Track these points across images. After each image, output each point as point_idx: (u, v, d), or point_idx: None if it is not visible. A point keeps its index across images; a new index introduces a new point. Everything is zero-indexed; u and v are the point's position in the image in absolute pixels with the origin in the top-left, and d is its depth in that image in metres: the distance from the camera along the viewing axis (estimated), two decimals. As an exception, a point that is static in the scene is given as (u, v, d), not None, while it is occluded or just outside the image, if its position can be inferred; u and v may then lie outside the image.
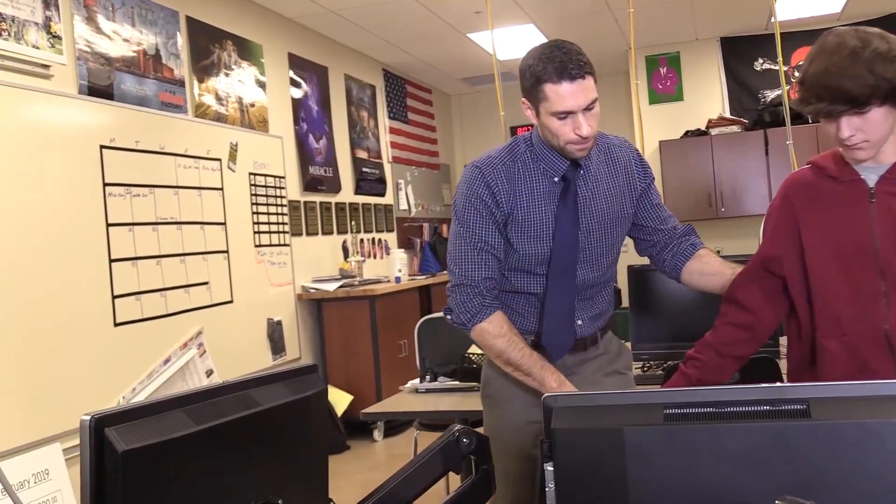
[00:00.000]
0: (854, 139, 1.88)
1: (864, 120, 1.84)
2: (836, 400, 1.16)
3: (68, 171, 4.12)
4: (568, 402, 1.27)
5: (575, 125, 2.20)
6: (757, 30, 8.25)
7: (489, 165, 2.38)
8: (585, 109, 2.19)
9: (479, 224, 2.35)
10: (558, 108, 2.18)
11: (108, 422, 1.13)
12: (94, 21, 4.43)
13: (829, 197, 2.00)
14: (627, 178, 2.44)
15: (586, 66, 2.18)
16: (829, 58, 1.84)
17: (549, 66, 2.16)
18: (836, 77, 1.82)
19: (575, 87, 2.16)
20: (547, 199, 2.36)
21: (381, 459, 5.97)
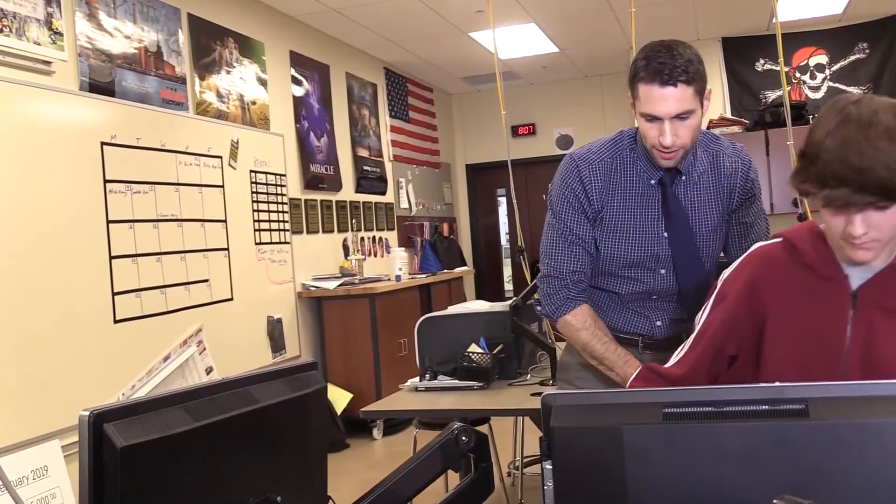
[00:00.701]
0: (865, 237, 1.53)
1: (883, 216, 1.50)
2: (835, 400, 1.16)
3: (69, 167, 4.12)
4: (567, 400, 1.27)
5: (660, 131, 2.15)
6: (758, 30, 8.25)
7: (585, 160, 2.36)
8: (677, 119, 2.13)
9: (570, 216, 2.34)
10: (646, 109, 2.15)
11: (106, 417, 1.13)
12: (95, 18, 4.43)
13: (804, 290, 1.68)
14: (729, 188, 2.36)
15: (685, 75, 2.09)
16: (859, 132, 1.46)
17: (649, 64, 2.12)
18: (869, 157, 1.44)
19: (666, 93, 2.10)
20: (641, 202, 2.33)
21: (380, 458, 5.97)
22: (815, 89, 8.29)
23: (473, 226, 10.38)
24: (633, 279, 2.38)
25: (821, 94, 8.27)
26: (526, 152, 9.70)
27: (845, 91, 8.18)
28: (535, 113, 9.81)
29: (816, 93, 8.29)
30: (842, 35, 8.15)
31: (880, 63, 8.06)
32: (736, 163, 2.38)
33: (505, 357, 3.81)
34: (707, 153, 2.36)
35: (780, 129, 7.62)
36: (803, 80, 8.32)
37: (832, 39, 8.17)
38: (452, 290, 8.31)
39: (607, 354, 2.29)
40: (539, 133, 9.79)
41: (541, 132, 9.79)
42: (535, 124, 9.81)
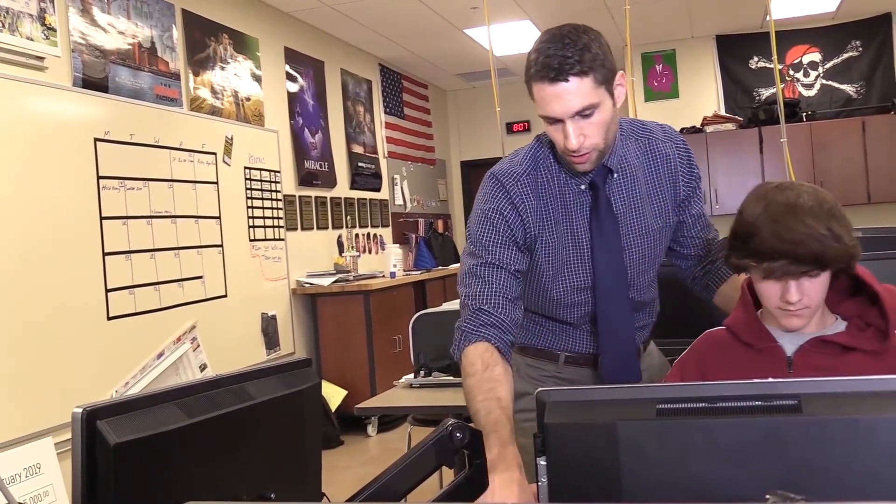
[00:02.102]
0: (800, 304, 1.69)
1: (813, 284, 1.68)
2: (828, 396, 1.16)
3: (62, 163, 4.10)
4: (561, 396, 1.27)
5: (564, 133, 1.84)
6: (752, 28, 8.26)
7: (511, 175, 2.00)
8: (579, 117, 1.82)
9: (496, 245, 1.96)
10: (543, 111, 1.85)
11: (100, 414, 1.13)
12: (88, 13, 4.42)
13: (746, 365, 1.80)
14: (671, 177, 2.07)
15: (579, 65, 1.77)
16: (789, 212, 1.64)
17: (539, 58, 1.81)
18: (800, 233, 1.62)
19: (557, 91, 1.79)
20: (579, 214, 2.00)
21: (374, 454, 5.97)
22: (809, 87, 8.31)
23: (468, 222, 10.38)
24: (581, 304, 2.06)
25: (814, 92, 8.29)
26: (520, 149, 9.67)
27: (839, 88, 8.21)
28: (529, 110, 9.77)
29: (810, 90, 8.31)
30: (835, 33, 8.17)
31: (873, 61, 8.09)
32: (669, 146, 2.09)
33: (499, 354, 3.80)
34: (638, 143, 2.05)
35: (774, 127, 7.65)
36: (797, 78, 8.33)
37: (825, 37, 8.19)
38: (447, 287, 8.31)
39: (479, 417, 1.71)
40: (534, 130, 9.78)
41: (536, 129, 9.79)
42: (529, 121, 9.82)
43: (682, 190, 2.10)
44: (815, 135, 7.91)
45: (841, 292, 1.82)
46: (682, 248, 2.20)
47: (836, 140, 7.88)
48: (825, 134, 7.91)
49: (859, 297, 1.80)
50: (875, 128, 7.83)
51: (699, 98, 8.58)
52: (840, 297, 1.82)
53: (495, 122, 5.96)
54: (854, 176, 7.80)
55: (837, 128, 7.94)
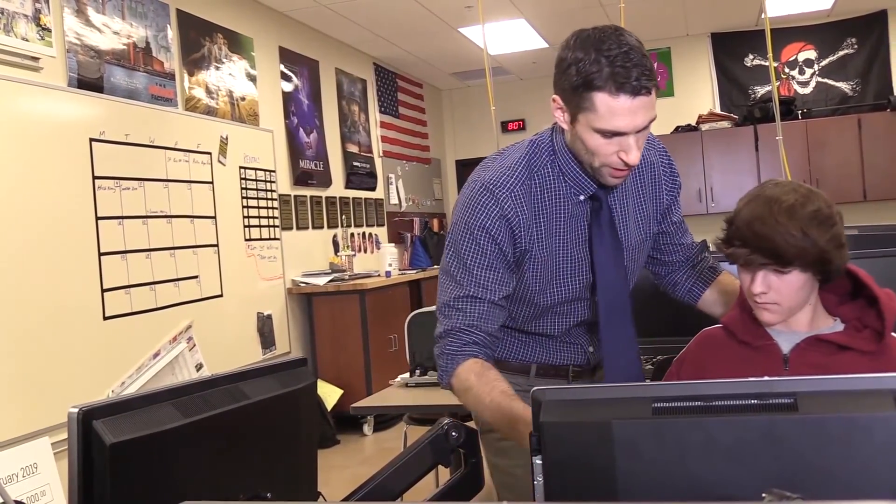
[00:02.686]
0: (765, 297, 1.75)
1: (780, 280, 1.72)
2: (824, 394, 1.16)
3: (57, 164, 4.10)
4: (556, 395, 1.27)
5: (622, 147, 1.74)
6: (747, 26, 8.27)
7: (504, 186, 1.85)
8: (641, 131, 1.75)
9: (482, 269, 1.85)
10: (608, 125, 1.71)
11: (95, 414, 1.13)
12: (83, 13, 4.41)
13: (743, 362, 1.84)
14: (654, 186, 2.02)
15: (653, 77, 1.71)
16: (766, 206, 1.71)
17: (608, 68, 1.67)
18: (769, 228, 1.68)
19: (636, 104, 1.69)
20: (570, 225, 1.90)
21: (370, 453, 5.97)
22: (804, 84, 8.32)
23: (463, 221, 10.38)
24: (566, 314, 2.00)
25: (809, 90, 8.30)
26: (516, 148, 9.68)
27: (834, 86, 8.22)
28: (524, 108, 9.80)
29: (805, 88, 8.32)
30: (830, 30, 8.18)
31: (868, 58, 8.10)
32: (654, 154, 2.04)
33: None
34: None
35: (770, 124, 7.65)
36: (792, 76, 8.35)
37: (821, 35, 8.21)
38: (443, 286, 8.31)
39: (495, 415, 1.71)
40: (529, 128, 9.78)
41: (530, 128, 9.78)
42: (524, 120, 9.81)
43: (664, 198, 2.07)
44: (811, 133, 7.93)
45: (841, 295, 1.85)
46: (663, 256, 2.17)
47: (832, 138, 7.89)
48: (821, 132, 7.92)
49: (859, 301, 1.83)
50: (871, 125, 7.84)
51: (694, 96, 8.59)
52: (840, 299, 1.85)
53: (490, 120, 5.96)
54: (850, 174, 7.82)
55: (833, 125, 7.95)
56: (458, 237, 1.88)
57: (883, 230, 4.93)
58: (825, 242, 1.69)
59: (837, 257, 1.72)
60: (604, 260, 1.92)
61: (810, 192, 1.73)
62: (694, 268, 2.18)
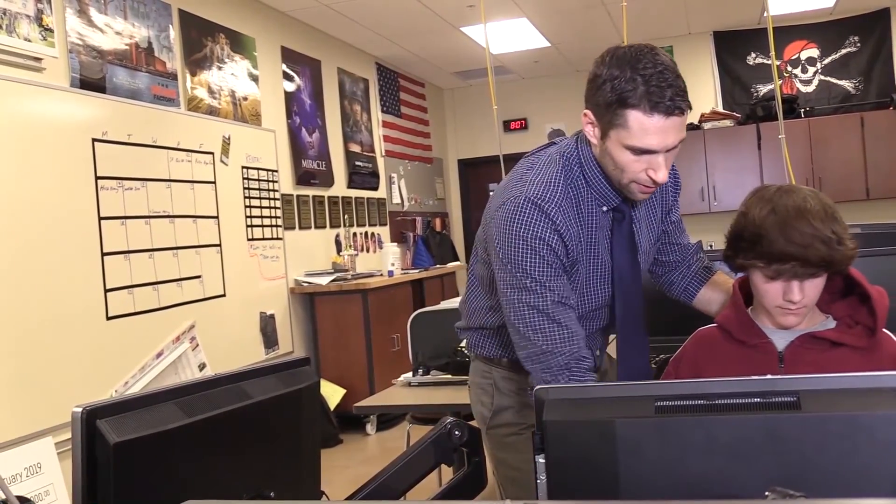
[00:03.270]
0: (800, 303, 1.76)
1: (813, 284, 1.75)
2: (827, 392, 1.16)
3: (60, 164, 4.10)
4: (560, 394, 1.28)
5: (651, 166, 1.78)
6: (750, 24, 8.26)
7: (553, 202, 1.87)
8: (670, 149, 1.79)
9: (553, 279, 1.87)
10: (638, 143, 1.75)
11: (99, 413, 1.13)
12: (85, 14, 4.41)
13: (739, 361, 1.85)
14: (661, 190, 2.05)
15: (686, 97, 1.74)
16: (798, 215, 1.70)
17: (643, 87, 1.71)
18: (810, 238, 1.68)
19: (668, 124, 1.73)
20: (599, 235, 1.96)
21: (373, 453, 5.97)
22: (807, 83, 8.31)
23: (466, 221, 10.38)
24: (590, 319, 2.04)
25: (812, 88, 8.29)
26: (518, 147, 9.65)
27: (837, 84, 8.22)
28: (526, 107, 9.80)
29: (808, 86, 8.31)
30: (833, 28, 8.17)
31: (871, 56, 8.09)
32: None
33: (498, 352, 3.81)
34: None
35: (772, 123, 7.65)
36: (795, 74, 8.34)
37: (823, 33, 8.20)
38: (445, 285, 8.31)
39: None
40: (531, 128, 9.78)
41: (533, 127, 9.79)
42: (526, 119, 9.81)
43: (669, 200, 2.13)
44: (814, 131, 7.92)
45: (833, 292, 1.87)
46: (662, 255, 2.21)
47: (835, 136, 7.88)
48: (823, 130, 7.91)
49: (851, 298, 1.85)
50: (873, 123, 7.83)
51: (696, 94, 8.56)
52: (832, 296, 1.87)
53: (492, 120, 5.96)
54: (852, 172, 7.81)
55: (836, 124, 7.94)
56: (517, 254, 1.87)
57: (885, 228, 4.92)
58: (850, 240, 1.73)
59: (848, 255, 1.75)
60: (623, 267, 1.97)
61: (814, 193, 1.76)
62: (689, 267, 2.21)
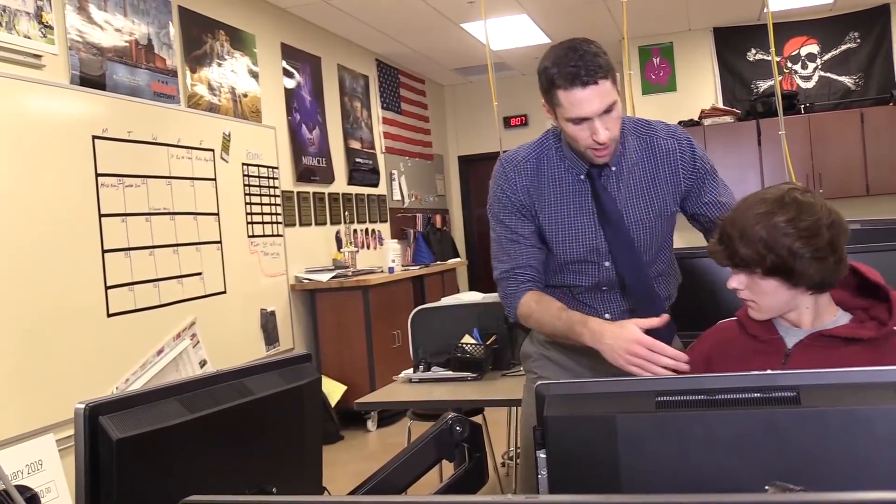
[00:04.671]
0: (741, 294, 1.85)
1: (751, 280, 1.81)
2: (826, 387, 1.17)
3: (60, 161, 4.10)
4: (560, 390, 1.28)
5: (592, 130, 2.12)
6: (750, 20, 8.25)
7: (512, 161, 2.39)
8: (605, 114, 2.10)
9: (508, 217, 2.35)
10: (573, 114, 2.11)
11: (102, 410, 1.13)
12: (85, 11, 4.41)
13: (749, 354, 1.90)
14: (671, 170, 2.30)
15: (601, 70, 2.06)
16: (745, 209, 1.80)
17: (560, 69, 2.08)
18: (736, 230, 1.79)
19: (588, 93, 2.07)
20: (574, 198, 2.31)
21: (374, 449, 5.98)
22: (807, 79, 8.31)
23: (466, 217, 10.38)
24: (581, 273, 2.35)
25: (812, 84, 8.29)
26: (518, 143, 9.67)
27: (837, 80, 8.22)
28: (527, 104, 9.80)
29: (808, 82, 8.31)
30: (833, 24, 8.16)
31: (871, 52, 8.08)
32: (671, 142, 2.32)
33: (498, 348, 3.82)
34: (640, 139, 2.32)
35: (772, 119, 7.64)
36: (795, 70, 8.33)
37: (823, 29, 8.19)
38: (445, 282, 8.31)
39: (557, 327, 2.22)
40: (531, 124, 9.78)
41: (533, 123, 9.78)
42: (527, 115, 9.81)
43: (682, 182, 2.32)
44: (814, 127, 7.91)
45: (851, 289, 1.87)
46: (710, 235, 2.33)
47: (835, 132, 7.88)
48: (824, 126, 7.91)
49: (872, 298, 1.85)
50: (874, 119, 7.83)
51: (697, 91, 8.57)
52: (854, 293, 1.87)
53: (493, 116, 5.96)
54: (853, 168, 7.80)
55: (836, 120, 7.93)
56: (491, 203, 2.41)
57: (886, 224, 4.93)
58: (787, 252, 1.72)
59: (808, 269, 1.73)
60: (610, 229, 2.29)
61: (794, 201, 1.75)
62: None
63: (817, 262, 1.72)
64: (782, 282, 1.77)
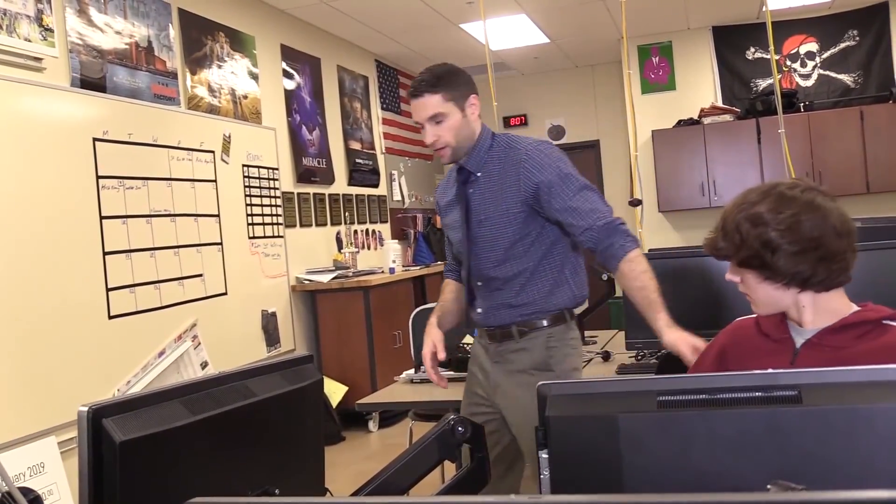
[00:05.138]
0: (740, 288, 1.86)
1: (740, 274, 1.83)
2: (827, 386, 1.17)
3: (61, 164, 4.11)
4: (562, 390, 1.28)
5: (424, 134, 2.60)
6: (748, 18, 8.26)
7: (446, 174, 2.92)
8: (434, 122, 2.57)
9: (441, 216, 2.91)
10: (413, 119, 2.63)
11: (105, 412, 1.13)
12: (85, 13, 4.42)
13: (761, 353, 1.91)
14: (516, 179, 2.59)
15: (430, 87, 2.54)
16: (731, 202, 1.82)
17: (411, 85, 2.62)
18: (721, 220, 1.82)
19: (415, 103, 2.58)
20: (456, 199, 2.74)
21: (376, 450, 5.98)
22: (806, 77, 8.31)
23: (466, 217, 10.37)
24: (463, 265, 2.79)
25: (811, 82, 8.29)
26: (518, 143, 9.69)
27: (836, 78, 8.21)
28: (526, 104, 9.80)
29: (807, 80, 8.31)
30: (832, 23, 8.16)
31: (870, 50, 8.08)
32: (522, 154, 2.59)
33: (499, 348, 3.81)
34: (502, 153, 2.65)
35: (772, 117, 7.64)
36: (794, 68, 8.33)
37: (822, 27, 8.19)
38: (446, 282, 8.30)
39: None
40: (531, 124, 9.79)
41: (532, 123, 9.79)
42: (526, 115, 9.81)
43: (524, 186, 2.56)
44: (814, 125, 7.91)
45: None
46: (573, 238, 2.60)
47: (835, 130, 7.87)
48: (823, 124, 7.91)
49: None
50: (873, 117, 7.82)
51: (696, 89, 8.57)
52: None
53: (492, 116, 5.96)
54: (853, 166, 7.80)
55: (835, 118, 7.93)
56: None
57: (886, 222, 4.93)
58: (761, 245, 1.73)
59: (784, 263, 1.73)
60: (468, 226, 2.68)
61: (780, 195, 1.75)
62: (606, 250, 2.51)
63: (793, 256, 1.71)
64: (757, 275, 1.78)
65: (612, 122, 9.48)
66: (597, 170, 9.68)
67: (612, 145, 9.57)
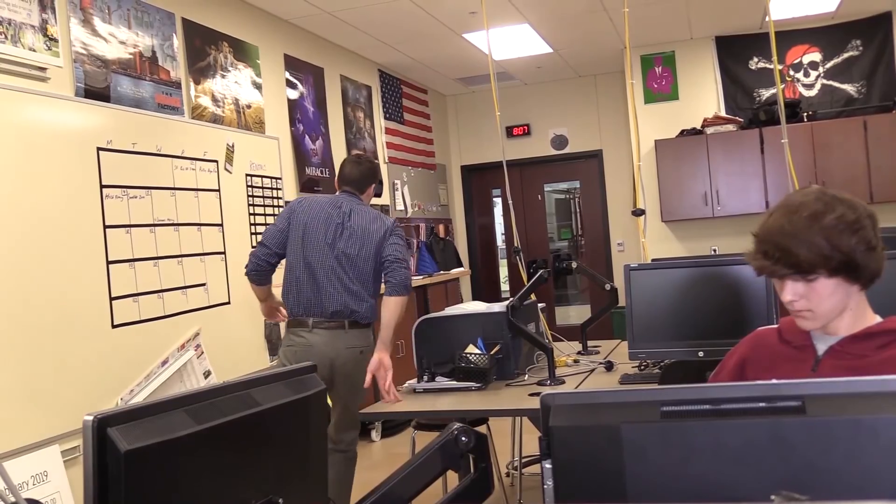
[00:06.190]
0: (797, 305, 1.80)
1: (808, 288, 1.77)
2: (831, 397, 1.17)
3: (65, 173, 4.12)
4: (565, 399, 1.28)
5: None
6: (752, 29, 8.27)
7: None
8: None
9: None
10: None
11: (110, 422, 1.14)
12: (90, 23, 4.44)
13: (781, 360, 1.92)
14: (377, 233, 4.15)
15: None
16: (788, 216, 1.77)
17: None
18: (788, 238, 1.75)
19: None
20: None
21: (378, 459, 5.98)
22: (809, 87, 8.32)
23: (469, 227, 10.39)
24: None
25: (815, 92, 8.30)
26: (521, 153, 9.71)
27: (839, 88, 8.22)
28: (529, 113, 9.82)
29: (810, 90, 8.31)
30: (835, 32, 8.17)
31: (873, 60, 8.09)
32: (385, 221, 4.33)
33: (502, 357, 3.82)
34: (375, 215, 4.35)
35: (775, 127, 7.66)
36: (797, 78, 8.34)
37: (825, 37, 8.20)
38: (449, 292, 8.32)
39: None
40: (534, 133, 9.80)
41: (535, 132, 9.81)
42: (529, 125, 9.83)
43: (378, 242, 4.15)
44: (817, 135, 7.92)
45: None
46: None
47: (838, 140, 7.88)
48: (826, 134, 7.91)
49: None
50: (877, 127, 7.83)
51: (699, 99, 8.59)
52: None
53: (495, 126, 5.97)
54: (856, 176, 7.80)
55: (839, 128, 7.94)
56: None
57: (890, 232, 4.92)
58: (849, 248, 1.72)
59: (868, 261, 1.74)
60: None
61: (833, 199, 1.76)
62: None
63: (871, 252, 1.75)
64: (843, 280, 1.76)
65: (615, 132, 9.49)
66: (599, 179, 9.69)
67: (615, 155, 9.58)
